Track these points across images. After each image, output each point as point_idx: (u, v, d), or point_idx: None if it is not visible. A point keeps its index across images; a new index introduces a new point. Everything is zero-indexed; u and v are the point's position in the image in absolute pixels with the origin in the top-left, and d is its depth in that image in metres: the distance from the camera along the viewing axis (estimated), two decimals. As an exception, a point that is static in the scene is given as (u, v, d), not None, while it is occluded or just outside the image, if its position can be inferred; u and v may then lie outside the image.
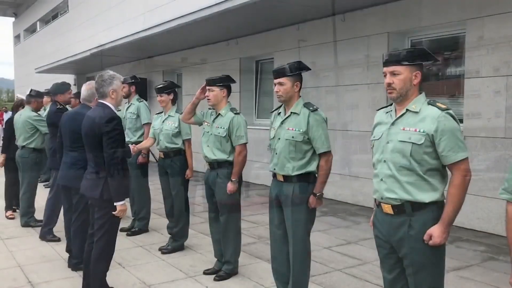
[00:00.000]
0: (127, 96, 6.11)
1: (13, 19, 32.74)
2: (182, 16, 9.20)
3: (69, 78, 22.09)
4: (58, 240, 5.64)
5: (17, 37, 32.12)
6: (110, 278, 4.39)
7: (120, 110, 6.43)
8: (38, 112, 6.81)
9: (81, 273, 4.62)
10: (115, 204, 3.58)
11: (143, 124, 5.96)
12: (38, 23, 27.07)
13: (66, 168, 4.56)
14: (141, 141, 5.96)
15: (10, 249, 5.41)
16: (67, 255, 5.13)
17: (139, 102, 6.04)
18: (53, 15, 24.49)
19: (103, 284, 3.83)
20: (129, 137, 6.02)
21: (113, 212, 3.61)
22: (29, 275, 4.57)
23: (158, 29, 10.19)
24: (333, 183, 8.22)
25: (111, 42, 12.61)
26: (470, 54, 6.23)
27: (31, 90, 6.88)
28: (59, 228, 5.69)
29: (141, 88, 14.21)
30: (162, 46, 12.51)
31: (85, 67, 17.81)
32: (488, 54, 6.03)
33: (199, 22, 8.95)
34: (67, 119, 4.56)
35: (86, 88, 4.40)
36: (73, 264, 4.69)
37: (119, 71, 9.09)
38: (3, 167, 7.06)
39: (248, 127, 9.64)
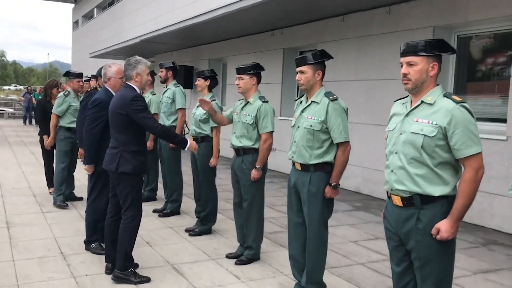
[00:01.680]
0: (165, 81, 6.27)
1: (72, 5, 34.06)
2: (227, 5, 9.28)
3: (121, 64, 22.77)
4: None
5: (75, 23, 33.43)
6: (135, 254, 4.55)
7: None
8: (80, 93, 6.92)
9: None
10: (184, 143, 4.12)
11: (178, 109, 6.09)
12: (95, 9, 28.07)
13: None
14: (175, 126, 6.10)
15: (48, 222, 5.71)
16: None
17: (176, 87, 6.16)
18: (110, 2, 25.32)
19: (128, 255, 3.99)
20: (163, 121, 6.17)
21: (188, 145, 4.08)
22: (62, 247, 4.81)
23: (204, 18, 10.33)
24: (369, 179, 8.12)
25: (160, 29, 12.91)
26: (518, 51, 5.97)
27: (68, 72, 6.96)
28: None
29: (187, 76, 14.59)
30: (209, 35, 12.67)
31: (136, 53, 18.04)
32: (537, 52, 5.75)
33: (244, 11, 9.00)
34: None
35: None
36: (85, 242, 4.75)
37: (167, 58, 9.20)
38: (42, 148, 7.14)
39: (287, 118, 9.63)
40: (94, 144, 4.41)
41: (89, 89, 7.82)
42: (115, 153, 3.91)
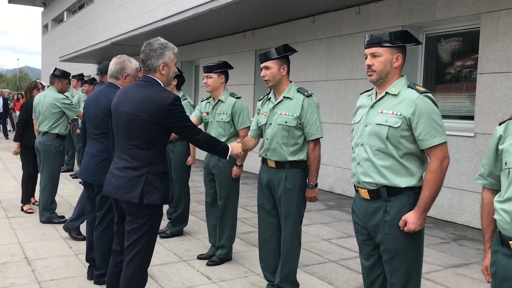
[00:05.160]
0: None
1: (42, 9, 33.42)
2: (197, 6, 9.23)
3: (93, 68, 22.47)
4: (83, 239, 4.84)
5: (45, 27, 32.81)
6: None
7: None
8: (65, 94, 6.11)
9: (76, 249, 4.70)
10: (227, 157, 3.13)
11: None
12: (65, 13, 27.59)
13: (88, 160, 3.87)
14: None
15: (13, 227, 5.53)
16: (66, 235, 5.22)
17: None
18: (80, 5, 24.92)
19: None
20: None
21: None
22: (27, 252, 4.66)
23: (175, 19, 10.26)
24: (342, 178, 8.16)
25: (130, 31, 12.76)
26: (484, 49, 6.08)
27: (56, 69, 6.05)
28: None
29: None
30: (180, 36, 12.57)
31: (107, 57, 18.05)
32: (502, 49, 5.87)
33: (214, 12, 8.96)
34: (90, 101, 3.89)
35: (115, 62, 3.75)
36: (97, 276, 3.87)
37: (139, 61, 9.17)
38: (20, 156, 6.46)
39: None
40: None
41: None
42: (135, 177, 2.77)
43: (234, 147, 3.23)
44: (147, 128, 2.75)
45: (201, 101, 4.64)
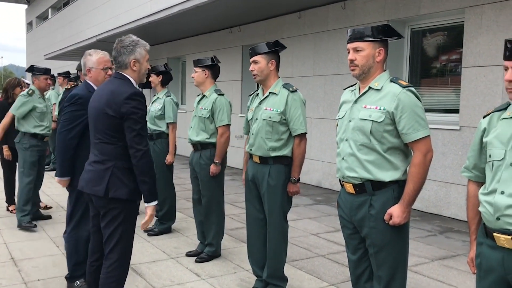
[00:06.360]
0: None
1: (26, 6, 33.00)
2: (183, 2, 9.18)
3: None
4: None
5: (29, 24, 32.41)
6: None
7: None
8: (45, 93, 5.82)
9: (64, 249, 4.67)
10: (146, 206, 2.82)
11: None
12: (49, 10, 27.28)
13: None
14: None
15: (-1, 227, 5.49)
16: (53, 234, 5.19)
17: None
18: (65, 2, 24.64)
19: None
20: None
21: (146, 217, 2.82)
22: (13, 252, 4.61)
23: (161, 15, 10.20)
24: (329, 173, 8.19)
25: (116, 28, 12.67)
26: (468, 43, 6.13)
27: (31, 66, 5.80)
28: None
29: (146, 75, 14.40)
30: (167, 33, 12.52)
31: (93, 54, 17.87)
32: (485, 43, 5.92)
33: (200, 8, 8.92)
34: None
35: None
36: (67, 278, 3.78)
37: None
38: None
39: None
40: (69, 152, 3.44)
41: (69, 87, 7.08)
42: (102, 170, 2.81)
43: (150, 213, 2.83)
44: (110, 122, 2.78)
45: (197, 96, 4.64)
